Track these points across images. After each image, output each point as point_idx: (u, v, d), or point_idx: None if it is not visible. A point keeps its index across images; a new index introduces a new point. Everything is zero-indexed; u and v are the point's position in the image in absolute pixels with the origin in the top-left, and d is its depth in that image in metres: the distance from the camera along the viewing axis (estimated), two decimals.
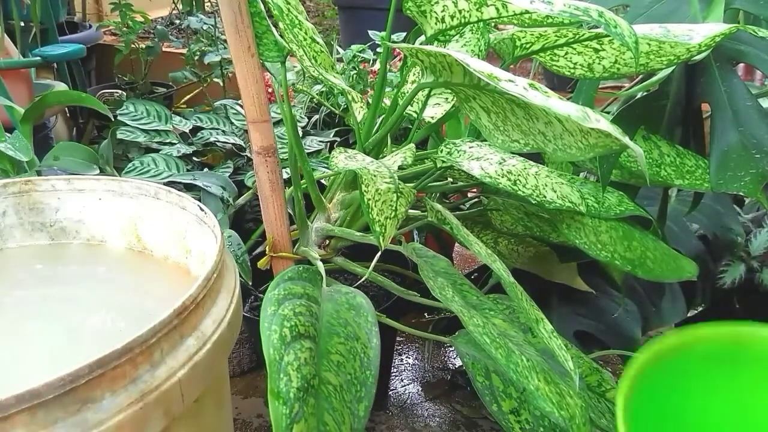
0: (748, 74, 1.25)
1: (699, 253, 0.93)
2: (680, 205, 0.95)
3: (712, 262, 0.97)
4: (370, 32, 1.31)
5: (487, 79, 0.50)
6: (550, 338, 0.59)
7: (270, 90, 0.94)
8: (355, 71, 1.26)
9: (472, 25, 0.72)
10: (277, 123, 1.03)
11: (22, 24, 1.37)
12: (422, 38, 0.67)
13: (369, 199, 0.63)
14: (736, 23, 0.76)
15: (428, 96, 0.79)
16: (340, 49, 1.36)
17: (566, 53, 0.69)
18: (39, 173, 0.87)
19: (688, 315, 0.98)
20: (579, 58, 0.69)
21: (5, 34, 1.28)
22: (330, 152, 0.80)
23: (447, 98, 0.80)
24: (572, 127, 0.51)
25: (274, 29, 0.70)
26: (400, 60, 1.23)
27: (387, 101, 0.83)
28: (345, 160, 0.62)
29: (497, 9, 0.57)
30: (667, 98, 0.69)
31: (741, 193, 0.62)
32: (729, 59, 0.66)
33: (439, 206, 0.73)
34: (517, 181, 0.70)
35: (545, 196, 0.70)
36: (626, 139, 0.47)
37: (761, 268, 0.98)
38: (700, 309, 1.10)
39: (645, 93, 0.71)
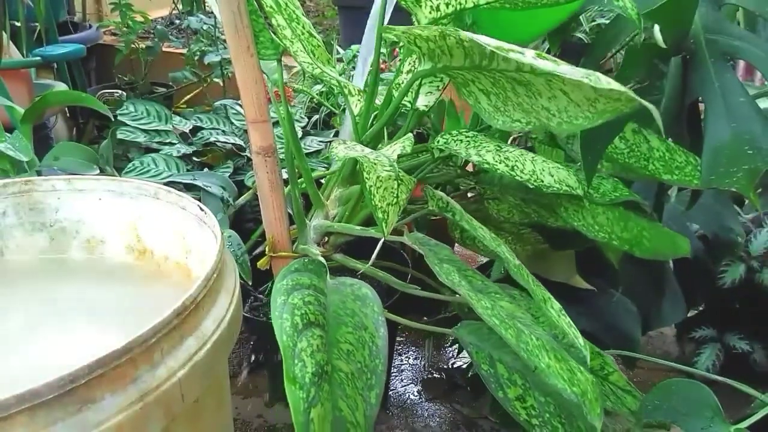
0: (749, 74, 1.24)
1: (699, 253, 0.93)
2: (680, 204, 0.95)
3: (712, 262, 0.97)
4: None
5: (496, 50, 0.49)
6: (558, 317, 0.60)
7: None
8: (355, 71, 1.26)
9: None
10: (277, 123, 1.04)
11: (18, 24, 1.37)
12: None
13: (371, 186, 0.63)
14: (734, 20, 0.76)
15: (420, 84, 0.79)
16: (340, 49, 1.36)
17: None
18: (39, 173, 0.87)
19: (688, 315, 0.98)
20: None
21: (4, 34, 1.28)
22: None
23: (438, 86, 0.80)
24: (578, 98, 0.50)
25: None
26: (399, 60, 1.23)
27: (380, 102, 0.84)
28: (345, 149, 0.62)
29: None
30: (661, 93, 0.69)
31: (733, 190, 0.62)
32: (723, 55, 0.66)
33: (440, 193, 0.73)
34: (515, 167, 0.70)
35: (543, 181, 0.70)
36: (639, 99, 0.46)
37: (761, 268, 0.98)
38: (700, 309, 1.10)
39: (637, 86, 0.71)
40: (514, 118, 0.59)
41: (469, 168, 0.91)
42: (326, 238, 0.79)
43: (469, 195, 0.93)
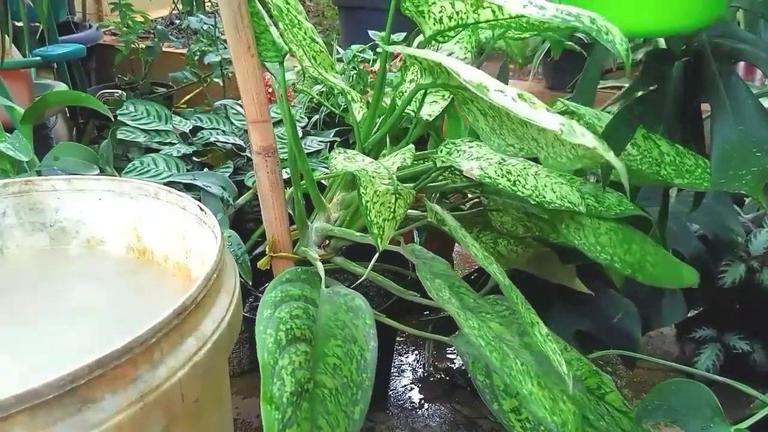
0: (749, 74, 1.25)
1: (699, 253, 0.93)
2: (681, 205, 0.95)
3: (712, 262, 0.97)
4: (370, 32, 1.31)
5: (476, 90, 0.50)
6: (544, 342, 0.59)
7: (270, 90, 0.94)
8: (356, 71, 1.26)
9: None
10: (277, 123, 1.04)
11: (19, 23, 1.37)
12: (421, 37, 0.67)
13: (367, 201, 0.63)
14: (734, 21, 0.76)
15: (425, 94, 0.79)
16: (340, 49, 1.35)
17: None
18: (39, 173, 0.87)
19: (688, 315, 0.98)
20: None
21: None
22: (330, 152, 0.80)
23: (444, 95, 0.80)
24: (563, 137, 0.51)
25: (273, 29, 0.70)
26: (400, 60, 1.23)
27: (386, 101, 0.83)
28: (344, 161, 0.62)
29: (493, 11, 0.57)
30: (666, 97, 0.69)
31: (742, 192, 0.62)
32: (727, 57, 0.66)
33: (437, 208, 0.73)
34: (517, 182, 0.70)
35: (545, 197, 0.70)
36: (610, 155, 0.46)
37: (761, 268, 0.98)
38: (700, 309, 1.10)
39: (644, 92, 0.71)
40: (509, 143, 0.59)
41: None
42: (327, 241, 0.79)
43: (471, 203, 0.92)
